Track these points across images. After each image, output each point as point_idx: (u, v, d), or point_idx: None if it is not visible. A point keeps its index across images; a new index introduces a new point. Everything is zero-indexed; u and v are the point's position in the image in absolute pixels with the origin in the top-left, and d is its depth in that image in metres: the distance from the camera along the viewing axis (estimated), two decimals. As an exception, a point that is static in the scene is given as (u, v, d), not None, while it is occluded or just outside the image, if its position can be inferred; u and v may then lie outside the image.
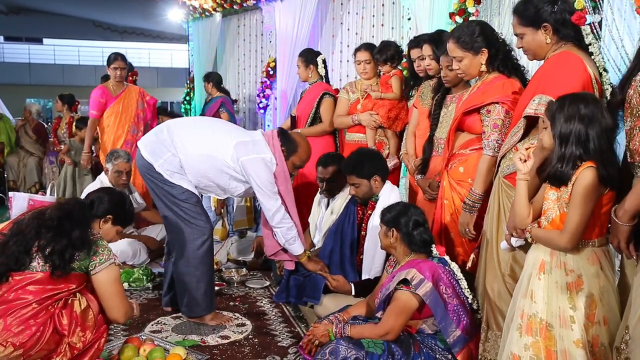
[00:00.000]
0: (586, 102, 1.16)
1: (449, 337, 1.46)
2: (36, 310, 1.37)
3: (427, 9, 2.69)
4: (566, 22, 1.33)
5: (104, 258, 1.44)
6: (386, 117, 2.41)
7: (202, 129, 1.97)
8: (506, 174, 1.44)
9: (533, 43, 1.38)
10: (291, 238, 1.94)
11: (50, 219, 1.43)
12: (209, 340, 1.87)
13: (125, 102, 3.14)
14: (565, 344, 1.15)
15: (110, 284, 1.44)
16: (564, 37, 1.35)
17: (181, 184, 1.91)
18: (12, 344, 1.33)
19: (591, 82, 1.31)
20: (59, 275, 1.39)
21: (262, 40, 4.57)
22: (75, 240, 1.40)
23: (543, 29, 1.35)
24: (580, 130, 1.14)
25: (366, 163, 1.93)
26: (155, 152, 1.91)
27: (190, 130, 1.95)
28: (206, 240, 1.96)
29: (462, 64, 1.59)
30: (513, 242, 1.32)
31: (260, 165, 1.87)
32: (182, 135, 1.92)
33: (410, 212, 1.60)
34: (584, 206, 1.12)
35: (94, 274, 1.43)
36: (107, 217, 1.55)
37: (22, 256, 1.38)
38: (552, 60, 1.35)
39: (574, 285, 1.16)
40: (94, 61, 11.98)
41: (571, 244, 1.15)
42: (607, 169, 1.13)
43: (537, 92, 1.32)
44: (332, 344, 1.42)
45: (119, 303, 1.46)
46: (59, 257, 1.38)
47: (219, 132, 1.96)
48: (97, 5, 9.72)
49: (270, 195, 1.89)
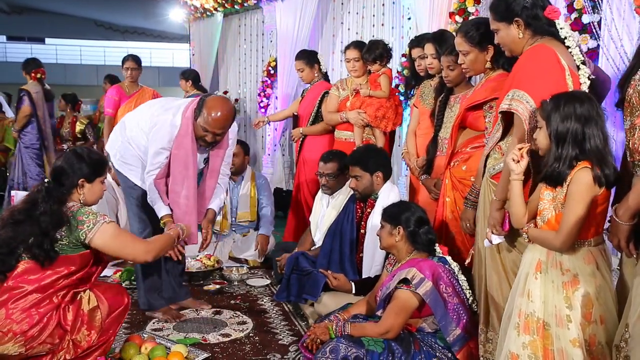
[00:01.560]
0: (581, 101, 1.15)
1: (449, 335, 1.46)
2: (39, 299, 1.36)
3: (427, 8, 2.69)
4: (538, 16, 1.33)
5: (91, 223, 1.41)
6: (374, 116, 2.43)
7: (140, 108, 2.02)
8: (492, 174, 1.43)
9: (507, 38, 1.38)
10: (151, 200, 1.87)
11: (19, 214, 1.42)
12: (210, 338, 1.88)
13: (137, 101, 3.22)
14: (562, 343, 1.15)
15: (110, 241, 1.43)
16: (538, 32, 1.34)
17: (129, 176, 1.95)
18: (14, 332, 1.32)
19: (564, 75, 1.27)
20: (48, 265, 1.38)
21: (263, 40, 4.58)
22: (46, 227, 1.38)
23: (515, 24, 1.35)
24: (577, 129, 1.13)
25: (372, 157, 1.95)
26: (111, 145, 1.98)
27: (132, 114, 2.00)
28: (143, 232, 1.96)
29: (468, 59, 1.59)
30: (493, 240, 1.34)
31: (159, 127, 1.81)
32: (128, 122, 1.96)
33: (414, 210, 1.61)
34: (579, 207, 1.12)
35: (89, 241, 1.41)
36: (79, 182, 1.47)
37: (8, 258, 1.39)
38: (525, 54, 1.34)
39: (569, 284, 1.16)
40: (95, 61, 12.01)
41: (566, 245, 1.15)
42: (602, 169, 1.12)
43: (512, 87, 1.31)
44: (333, 342, 1.43)
45: (132, 249, 1.48)
46: (38, 248, 1.37)
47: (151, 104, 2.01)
48: (99, 5, 9.74)
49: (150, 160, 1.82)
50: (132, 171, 1.94)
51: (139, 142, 1.90)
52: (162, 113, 1.85)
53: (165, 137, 1.81)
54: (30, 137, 3.65)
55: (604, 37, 1.96)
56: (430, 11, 2.68)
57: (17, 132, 3.67)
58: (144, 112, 1.95)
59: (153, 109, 1.92)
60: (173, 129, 1.80)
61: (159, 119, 1.84)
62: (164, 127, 1.81)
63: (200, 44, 5.28)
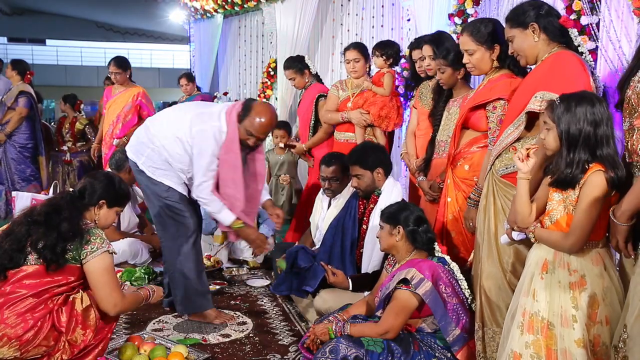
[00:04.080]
0: (592, 103, 1.14)
1: (449, 336, 1.47)
2: (33, 304, 1.37)
3: (427, 10, 2.71)
4: (553, 24, 1.36)
5: (96, 246, 1.42)
6: (377, 115, 2.44)
7: (168, 114, 2.01)
8: (503, 174, 1.44)
9: (523, 44, 1.40)
10: (215, 210, 1.88)
11: (39, 215, 1.44)
12: (210, 339, 1.89)
13: (118, 101, 3.32)
14: (566, 343, 1.15)
15: (100, 273, 1.41)
16: (553, 38, 1.37)
17: (162, 181, 1.93)
18: (8, 337, 1.33)
19: (590, 81, 1.33)
20: (54, 269, 1.39)
21: (263, 41, 4.60)
22: (65, 233, 1.40)
23: (531, 28, 1.38)
24: (590, 132, 1.12)
25: (371, 155, 1.95)
26: (137, 151, 1.95)
27: (159, 121, 1.98)
28: (191, 236, 1.96)
29: (474, 58, 1.59)
30: (514, 236, 1.31)
31: (207, 135, 1.82)
32: (154, 128, 1.95)
33: (412, 209, 1.61)
34: (592, 209, 1.11)
35: (85, 262, 1.41)
36: (99, 202, 1.53)
37: (16, 254, 1.39)
38: (552, 59, 1.36)
39: (576, 285, 1.16)
40: (96, 62, 12.03)
41: (577, 247, 1.14)
42: (615, 171, 1.12)
43: (539, 89, 1.33)
44: (332, 342, 1.43)
45: (109, 294, 1.41)
46: (50, 251, 1.38)
47: (181, 111, 1.99)
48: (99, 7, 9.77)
49: (204, 171, 1.83)
50: (167, 175, 1.93)
51: (173, 150, 1.88)
52: (204, 121, 1.84)
53: (214, 145, 1.83)
54: (24, 136, 3.60)
55: (602, 39, 1.97)
56: (430, 13, 2.69)
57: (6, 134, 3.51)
58: (178, 121, 1.89)
59: (188, 118, 1.87)
60: (221, 135, 1.83)
61: (203, 127, 1.83)
62: (211, 135, 1.83)
63: (200, 45, 5.31)
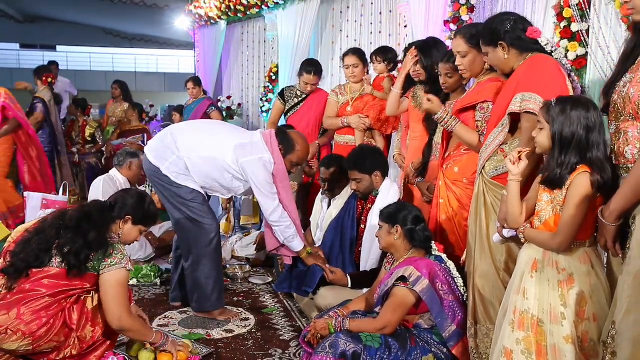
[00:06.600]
0: (587, 108, 1.16)
1: (445, 331, 1.49)
2: (49, 303, 1.41)
3: (423, 17, 2.76)
4: (521, 37, 1.43)
5: (116, 261, 1.46)
6: (377, 119, 2.49)
7: (203, 132, 2.05)
8: (493, 176, 1.47)
9: (495, 60, 1.50)
10: (290, 236, 1.98)
11: (70, 220, 1.48)
12: (214, 334, 1.93)
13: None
14: (555, 339, 1.18)
15: (112, 286, 1.45)
16: (524, 49, 1.44)
17: (187, 184, 1.97)
18: (22, 332, 1.37)
19: (566, 81, 1.38)
20: (75, 275, 1.43)
21: (265, 47, 4.66)
22: (92, 241, 1.44)
23: (500, 47, 1.45)
24: (582, 137, 1.14)
25: (368, 159, 1.99)
26: (160, 155, 1.98)
27: (192, 134, 2.03)
28: (214, 237, 2.02)
29: (466, 60, 1.64)
30: (505, 233, 1.35)
31: (258, 165, 1.92)
32: (184, 139, 1.99)
33: (410, 209, 1.65)
34: (577, 210, 1.14)
35: (102, 274, 1.45)
36: (126, 217, 1.57)
37: (42, 254, 1.43)
38: (528, 63, 1.42)
39: (565, 283, 1.19)
40: (104, 67, 12.18)
41: (564, 246, 1.17)
42: (601, 175, 1.14)
43: (518, 91, 1.38)
44: (332, 337, 1.45)
45: (116, 307, 1.45)
46: (74, 257, 1.42)
47: (218, 134, 2.04)
48: (107, 14, 9.91)
49: (268, 195, 1.94)
50: (189, 179, 1.97)
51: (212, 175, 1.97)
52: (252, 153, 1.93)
53: (268, 175, 1.95)
54: (42, 141, 3.74)
55: (592, 45, 2.02)
56: (426, 20, 2.74)
57: None
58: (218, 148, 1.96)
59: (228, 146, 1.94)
60: (269, 166, 1.95)
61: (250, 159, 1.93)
62: (262, 165, 1.93)
63: (204, 50, 5.38)
